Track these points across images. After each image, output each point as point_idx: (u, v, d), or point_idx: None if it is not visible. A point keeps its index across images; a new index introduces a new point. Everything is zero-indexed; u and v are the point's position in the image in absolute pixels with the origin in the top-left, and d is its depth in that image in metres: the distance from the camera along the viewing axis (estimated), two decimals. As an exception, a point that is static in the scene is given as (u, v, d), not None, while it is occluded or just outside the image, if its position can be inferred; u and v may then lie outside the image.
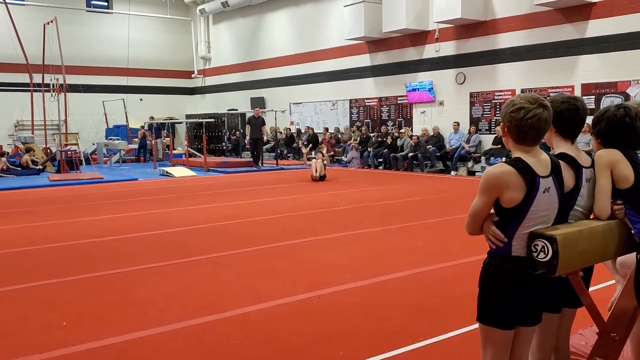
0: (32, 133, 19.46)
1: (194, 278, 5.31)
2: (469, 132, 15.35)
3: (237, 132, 22.55)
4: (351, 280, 5.04)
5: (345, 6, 17.92)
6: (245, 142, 17.29)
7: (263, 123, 17.57)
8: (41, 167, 16.95)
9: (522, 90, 14.24)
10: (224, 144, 23.04)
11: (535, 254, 2.24)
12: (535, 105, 2.24)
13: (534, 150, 2.29)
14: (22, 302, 4.64)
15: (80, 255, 6.30)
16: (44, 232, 7.64)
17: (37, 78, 18.89)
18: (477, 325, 2.36)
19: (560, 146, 2.53)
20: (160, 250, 6.47)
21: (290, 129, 21.31)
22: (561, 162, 2.36)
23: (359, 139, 17.90)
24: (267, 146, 20.53)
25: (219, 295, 4.75)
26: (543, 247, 2.22)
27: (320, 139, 19.07)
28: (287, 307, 4.41)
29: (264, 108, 21.47)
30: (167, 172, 15.99)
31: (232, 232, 7.51)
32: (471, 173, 14.80)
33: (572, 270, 2.32)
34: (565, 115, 2.49)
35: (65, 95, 17.44)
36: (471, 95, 15.63)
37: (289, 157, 20.46)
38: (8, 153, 17.26)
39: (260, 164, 17.64)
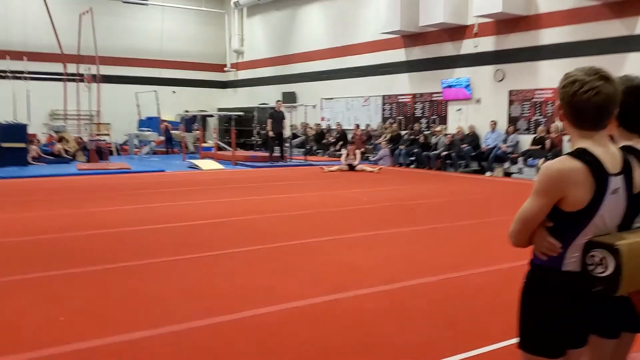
0: (65, 122, 19.57)
1: (208, 275, 5.00)
2: (507, 132, 14.73)
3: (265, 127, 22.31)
4: (374, 284, 4.65)
5: (381, -1, 17.47)
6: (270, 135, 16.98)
7: (284, 117, 17.25)
8: (72, 156, 16.99)
9: (564, 90, 13.57)
10: (253, 138, 22.83)
11: (591, 268, 1.81)
12: (595, 77, 1.77)
13: (600, 138, 1.83)
14: (23, 295, 4.39)
15: (93, 246, 6.06)
16: (60, 221, 7.43)
17: (72, 68, 18.96)
18: (511, 341, 1.95)
19: (623, 140, 2.09)
20: (177, 243, 6.19)
21: (320, 125, 20.96)
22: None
23: (389, 136, 17.41)
24: (297, 141, 20.22)
25: (233, 294, 4.43)
26: (602, 259, 1.79)
27: (351, 136, 18.74)
28: (302, 310, 4.06)
29: (295, 103, 21.15)
30: (194, 164, 15.82)
31: (253, 227, 7.20)
32: (507, 174, 14.20)
33: (638, 288, 1.87)
34: (627, 102, 1.95)
35: (98, 86, 17.43)
36: (510, 93, 15.01)
37: (318, 153, 20.10)
38: (39, 141, 17.32)
39: (288, 159, 17.34)
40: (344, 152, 15.29)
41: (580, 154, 1.80)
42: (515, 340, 1.96)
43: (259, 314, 3.96)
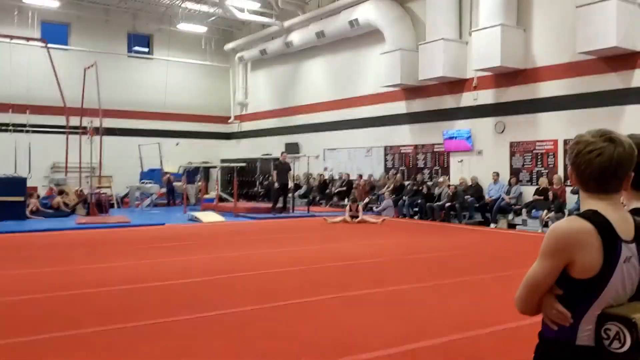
0: (66, 175, 19.55)
1: (200, 338, 4.77)
2: (509, 183, 14.63)
3: (270, 177, 22.31)
4: (375, 348, 4.43)
5: (381, 54, 17.70)
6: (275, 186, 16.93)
7: (289, 169, 17.22)
8: (71, 209, 16.88)
9: (565, 141, 13.56)
10: (256, 189, 22.77)
11: (607, 342, 1.66)
12: (600, 139, 1.70)
13: (612, 202, 1.71)
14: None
15: (83, 307, 5.84)
16: (47, 279, 7.23)
17: (75, 121, 19.09)
18: None
19: (634, 203, 1.97)
20: (170, 304, 5.98)
21: (323, 175, 20.93)
22: None
23: (392, 186, 17.32)
24: (299, 192, 20.15)
25: (230, 358, 4.21)
26: (618, 333, 1.64)
27: (354, 185, 18.68)
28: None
29: (298, 153, 21.19)
30: (195, 217, 15.68)
31: (249, 285, 6.98)
32: (511, 226, 14.01)
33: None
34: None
35: (100, 138, 17.50)
36: (511, 145, 14.99)
37: (321, 203, 19.99)
38: (39, 195, 17.26)
39: (290, 210, 17.21)
40: (347, 207, 15.16)
41: (590, 215, 1.68)
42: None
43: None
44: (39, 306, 5.84)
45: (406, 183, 17.40)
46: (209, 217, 15.80)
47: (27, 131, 19.59)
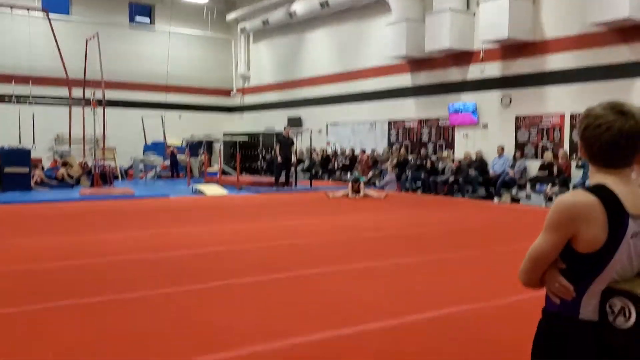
0: (70, 147, 19.54)
1: (202, 308, 4.79)
2: (514, 158, 14.54)
3: (272, 152, 22.25)
4: (375, 319, 4.43)
5: (387, 25, 17.46)
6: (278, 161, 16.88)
7: (292, 143, 17.15)
8: (75, 181, 16.90)
9: (572, 116, 13.43)
10: (259, 162, 22.73)
11: (611, 318, 1.63)
12: (610, 112, 1.64)
13: (623, 176, 1.67)
14: (8, 331, 4.19)
15: (84, 277, 5.84)
16: (53, 249, 7.25)
17: (77, 92, 19.00)
18: None
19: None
20: (173, 274, 5.98)
21: (326, 149, 20.85)
22: None
23: (395, 161, 17.25)
24: (302, 166, 20.10)
25: (227, 329, 4.21)
26: (623, 308, 1.61)
27: (357, 160, 18.61)
28: (297, 349, 3.84)
29: (301, 127, 21.08)
30: (199, 189, 15.68)
31: (252, 257, 6.99)
32: (515, 200, 13.96)
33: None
34: None
35: (103, 110, 17.42)
36: (517, 118, 14.86)
37: (323, 178, 19.95)
38: (43, 167, 17.26)
39: (293, 185, 17.19)
40: (350, 184, 15.08)
41: (597, 189, 1.64)
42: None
43: (256, 352, 3.75)
44: (48, 275, 5.85)
45: (410, 158, 17.31)
46: (212, 190, 15.79)
47: (30, 103, 19.53)
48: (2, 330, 4.19)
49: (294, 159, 17.56)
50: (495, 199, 14.21)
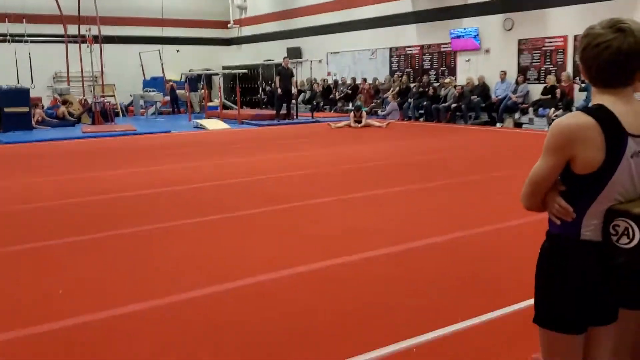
0: (68, 84, 19.35)
1: (212, 240, 4.90)
2: (517, 82, 14.36)
3: (272, 84, 21.98)
4: (381, 246, 4.52)
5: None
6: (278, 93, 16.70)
7: (292, 75, 16.92)
8: (76, 118, 16.84)
9: (575, 37, 13.13)
10: (259, 95, 22.52)
11: (614, 238, 1.66)
12: (609, 30, 1.61)
13: (623, 95, 1.65)
14: (20, 266, 4.31)
15: (92, 213, 5.95)
16: (58, 187, 7.33)
17: (73, 30, 18.61)
18: (527, 303, 1.81)
19: None
20: (181, 208, 6.07)
21: (327, 80, 20.59)
22: None
23: (397, 89, 17.06)
24: (303, 98, 19.91)
25: (236, 260, 4.32)
26: (626, 229, 1.63)
27: (359, 89, 18.42)
28: (306, 276, 3.94)
29: (300, 58, 20.72)
30: (200, 124, 15.64)
31: (257, 189, 7.07)
32: (518, 125, 13.90)
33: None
34: None
35: (100, 47, 17.14)
36: (519, 42, 14.55)
37: (325, 109, 19.81)
38: (43, 105, 17.17)
39: (294, 117, 17.10)
40: (351, 113, 15.00)
41: (595, 110, 1.63)
42: (529, 303, 1.82)
43: (263, 280, 3.86)
44: (54, 213, 5.95)
45: (412, 85, 17.11)
46: (213, 124, 15.76)
47: (26, 41, 19.16)
48: (11, 267, 4.30)
49: (294, 90, 17.39)
50: (498, 125, 14.15)
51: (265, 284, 3.81)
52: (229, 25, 26.11)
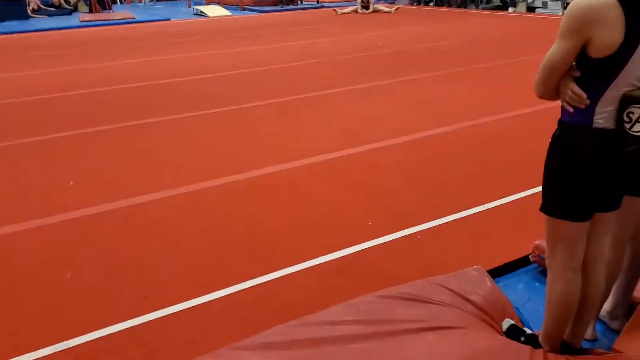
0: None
1: (216, 132, 4.86)
2: (532, -38, 13.61)
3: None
4: (388, 137, 4.48)
5: None
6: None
7: None
8: (73, 6, 16.28)
9: None
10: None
11: (627, 126, 1.60)
12: None
13: None
14: (28, 159, 4.32)
15: (95, 105, 5.89)
16: (58, 79, 7.20)
17: None
18: (533, 191, 1.79)
19: None
20: (183, 100, 5.99)
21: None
22: None
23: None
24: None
25: (241, 153, 4.31)
26: (641, 116, 1.58)
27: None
28: (312, 168, 3.94)
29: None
30: (201, 11, 15.10)
31: (263, 80, 6.92)
32: (531, 9, 13.34)
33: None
34: None
35: None
36: None
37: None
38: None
39: (298, 2, 16.46)
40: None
41: None
42: (535, 191, 1.81)
43: (270, 172, 3.86)
44: (57, 104, 5.89)
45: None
46: (214, 11, 15.21)
47: None
48: (19, 160, 4.32)
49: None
50: (510, 9, 13.59)
51: (274, 175, 3.81)
52: None
